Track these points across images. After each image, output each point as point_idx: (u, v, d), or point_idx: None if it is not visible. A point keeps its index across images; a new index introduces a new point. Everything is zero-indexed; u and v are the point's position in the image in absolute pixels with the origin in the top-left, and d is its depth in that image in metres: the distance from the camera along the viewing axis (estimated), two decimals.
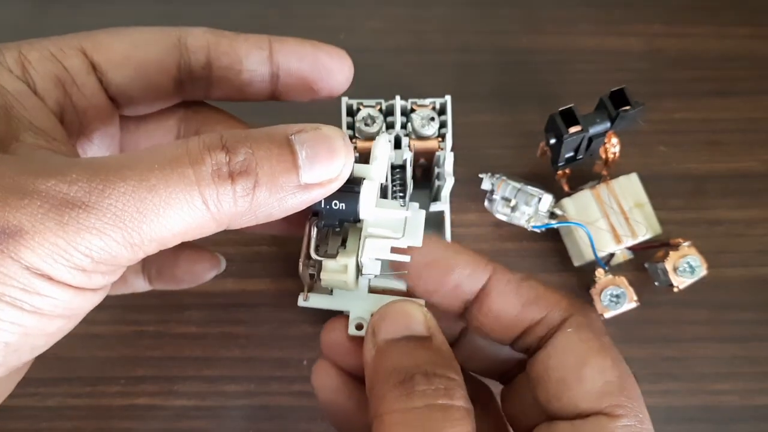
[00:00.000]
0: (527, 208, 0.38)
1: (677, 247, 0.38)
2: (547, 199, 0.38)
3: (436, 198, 0.38)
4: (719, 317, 0.41)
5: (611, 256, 0.40)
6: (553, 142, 0.37)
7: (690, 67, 0.45)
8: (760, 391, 0.40)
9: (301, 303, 0.25)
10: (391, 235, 0.23)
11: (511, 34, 0.46)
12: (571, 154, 0.39)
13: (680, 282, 0.38)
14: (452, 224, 0.39)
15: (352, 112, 0.36)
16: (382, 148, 0.24)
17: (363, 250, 0.23)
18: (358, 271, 0.24)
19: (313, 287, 0.25)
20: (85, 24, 0.48)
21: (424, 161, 0.37)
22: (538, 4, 0.47)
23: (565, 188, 0.40)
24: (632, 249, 0.40)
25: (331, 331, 0.25)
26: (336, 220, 0.23)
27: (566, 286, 0.41)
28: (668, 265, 0.38)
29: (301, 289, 0.25)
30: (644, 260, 0.40)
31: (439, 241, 0.25)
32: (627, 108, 0.36)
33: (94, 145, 0.25)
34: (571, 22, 0.46)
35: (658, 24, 0.46)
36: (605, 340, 0.23)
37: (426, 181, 0.40)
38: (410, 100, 0.36)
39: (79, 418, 0.39)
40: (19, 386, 0.24)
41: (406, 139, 0.35)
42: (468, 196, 0.42)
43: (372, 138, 0.35)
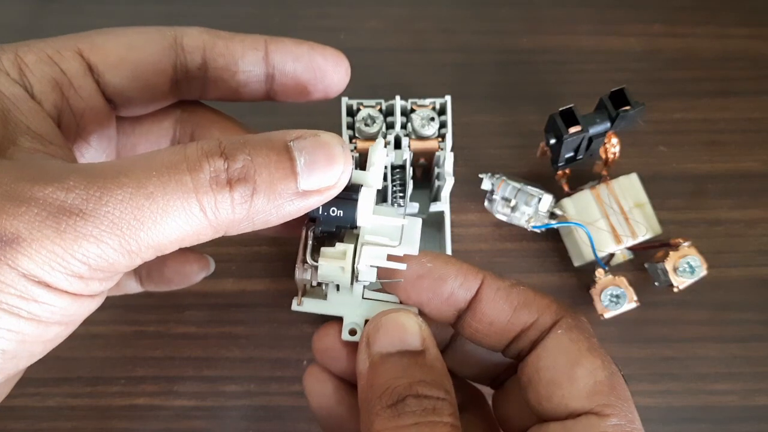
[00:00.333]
0: (527, 208, 0.38)
1: (677, 247, 0.38)
2: (547, 199, 0.38)
3: (436, 198, 0.38)
4: (719, 317, 0.41)
5: (611, 256, 0.40)
6: (553, 142, 0.37)
7: (690, 67, 0.45)
8: (759, 391, 0.40)
9: (295, 307, 0.25)
10: (388, 242, 0.23)
11: (511, 34, 0.46)
12: (571, 154, 0.39)
13: (680, 282, 0.38)
14: (452, 224, 0.39)
15: (352, 112, 0.36)
16: (379, 153, 0.24)
17: (360, 257, 0.23)
18: (354, 277, 0.23)
19: (307, 292, 0.25)
20: (85, 24, 0.48)
21: (424, 161, 0.37)
22: (538, 4, 0.47)
23: (565, 188, 0.40)
24: (632, 249, 0.40)
25: (324, 336, 0.25)
26: (333, 227, 0.23)
27: (566, 286, 0.41)
28: (668, 265, 0.38)
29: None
30: (644, 260, 0.40)
31: (429, 252, 0.25)
32: (627, 108, 0.36)
33: (92, 148, 0.25)
34: (571, 22, 0.46)
35: (658, 24, 0.46)
36: (594, 342, 0.23)
37: (426, 181, 0.40)
38: (410, 100, 0.36)
39: (79, 418, 0.39)
40: (19, 386, 0.24)
41: (406, 139, 0.35)
42: (468, 196, 0.42)
43: (372, 138, 0.35)
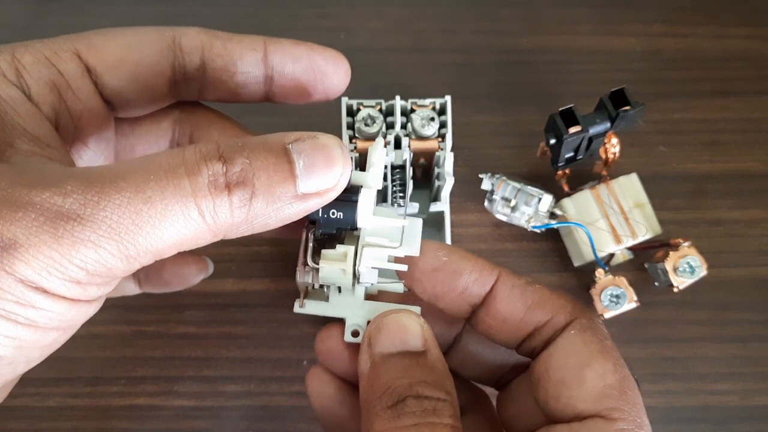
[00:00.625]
0: (527, 208, 0.38)
1: (677, 247, 0.38)
2: (547, 200, 0.38)
3: (436, 198, 0.38)
4: (719, 317, 0.41)
5: (611, 256, 0.40)
6: (553, 142, 0.37)
7: (690, 67, 0.45)
8: (759, 391, 0.40)
9: (297, 310, 0.25)
10: (389, 244, 0.23)
11: (511, 34, 0.46)
12: (571, 154, 0.39)
13: (680, 282, 0.38)
14: (452, 224, 0.39)
15: (352, 113, 0.36)
16: (378, 153, 0.24)
17: (360, 259, 0.23)
18: (355, 279, 0.23)
19: (309, 294, 0.25)
20: (85, 24, 0.48)
21: (424, 161, 0.37)
22: (538, 4, 0.47)
23: (565, 188, 0.40)
24: (632, 249, 0.40)
25: (327, 338, 0.25)
26: (333, 229, 0.23)
27: (566, 287, 0.41)
28: (668, 265, 0.38)
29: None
30: (644, 260, 0.40)
31: (445, 246, 0.24)
32: (627, 108, 0.36)
33: (89, 149, 0.25)
34: (571, 22, 0.46)
35: (658, 24, 0.46)
36: (608, 344, 0.23)
37: (426, 181, 0.40)
38: (410, 100, 0.36)
39: (79, 418, 0.39)
40: (19, 386, 0.24)
41: (406, 139, 0.35)
42: (468, 196, 0.42)
43: (372, 138, 0.35)
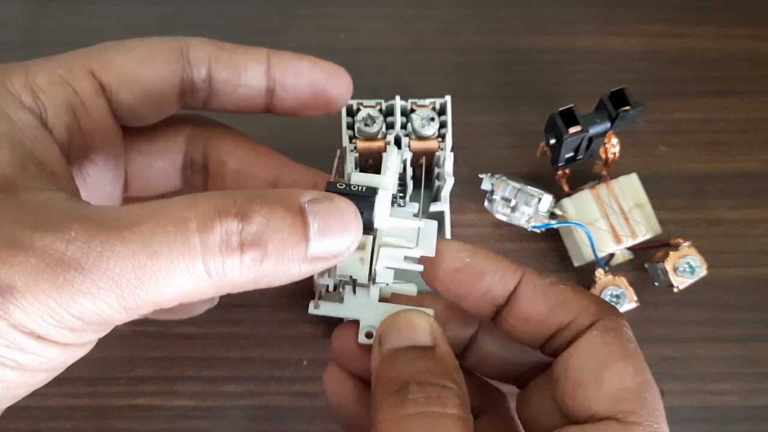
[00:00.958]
0: (527, 208, 0.38)
1: (677, 247, 0.38)
2: (547, 200, 0.38)
3: (436, 198, 0.38)
4: (719, 317, 0.41)
5: (611, 256, 0.40)
6: (553, 142, 0.37)
7: (690, 67, 0.45)
8: (759, 391, 0.40)
9: (312, 311, 0.25)
10: (405, 244, 0.24)
11: (511, 34, 0.46)
12: (571, 155, 0.39)
13: (680, 282, 0.38)
14: (452, 224, 0.39)
15: (352, 112, 0.36)
16: (394, 159, 0.24)
17: (377, 259, 0.23)
18: (371, 278, 0.24)
19: (323, 296, 0.25)
20: (85, 24, 0.48)
21: (424, 161, 0.37)
22: (538, 4, 0.47)
23: (565, 188, 0.40)
24: (632, 249, 0.40)
25: (342, 336, 0.25)
26: None
27: None
28: (668, 266, 0.38)
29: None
30: (644, 260, 0.40)
31: (468, 247, 0.24)
32: (627, 108, 0.36)
33: (98, 166, 0.25)
34: (571, 22, 0.46)
35: (658, 24, 0.46)
36: (631, 347, 0.22)
37: (426, 180, 0.40)
38: (410, 100, 0.36)
39: (79, 418, 0.39)
40: None
41: (406, 139, 0.35)
42: (468, 196, 0.42)
43: (372, 138, 0.35)
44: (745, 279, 0.41)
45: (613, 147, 0.39)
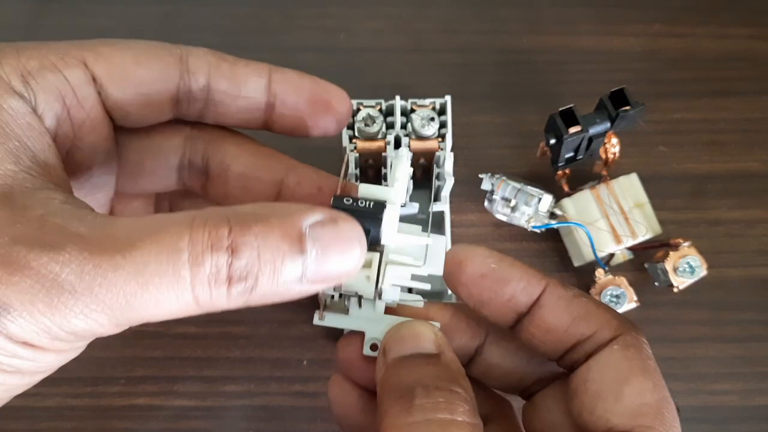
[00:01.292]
0: (527, 208, 0.38)
1: (677, 247, 0.38)
2: (547, 200, 0.38)
3: (436, 198, 0.38)
4: (719, 317, 0.41)
5: (611, 256, 0.40)
6: (553, 142, 0.37)
7: (690, 67, 0.45)
8: (760, 391, 0.40)
9: (317, 322, 0.24)
10: (412, 262, 0.23)
11: (511, 34, 0.46)
12: (571, 154, 0.39)
13: (680, 282, 0.38)
14: (452, 224, 0.39)
15: (352, 112, 0.36)
16: (402, 168, 0.24)
17: (383, 277, 0.23)
18: (377, 295, 0.23)
19: (328, 306, 0.25)
20: (86, 24, 0.48)
21: (424, 161, 0.37)
22: (538, 4, 0.47)
23: (565, 188, 0.40)
24: (632, 249, 0.40)
25: (347, 347, 0.25)
26: None
27: None
28: (668, 266, 0.38)
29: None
30: (644, 260, 0.40)
31: (494, 253, 0.24)
32: (627, 108, 0.36)
33: (87, 159, 0.25)
34: (571, 22, 0.46)
35: (658, 24, 0.46)
36: (650, 364, 0.22)
37: (426, 181, 0.40)
38: (410, 100, 0.36)
39: (79, 418, 0.39)
40: None
41: (406, 139, 0.35)
42: (468, 196, 0.42)
43: (372, 138, 0.35)
44: (745, 279, 0.41)
45: (613, 147, 0.39)
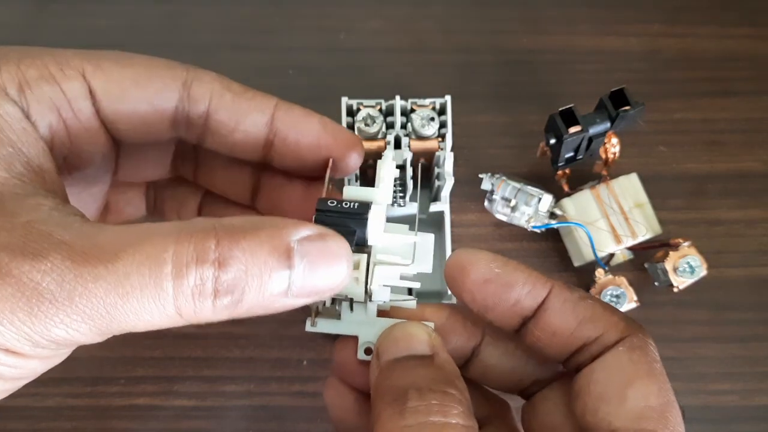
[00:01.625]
0: (527, 208, 0.38)
1: (677, 247, 0.38)
2: (547, 199, 0.38)
3: (436, 198, 0.38)
4: (719, 317, 0.41)
5: (611, 256, 0.40)
6: (553, 142, 0.37)
7: (690, 67, 0.45)
8: (759, 391, 0.40)
9: (309, 328, 0.24)
10: (400, 261, 0.23)
11: (511, 34, 0.46)
12: (571, 154, 0.39)
13: (680, 282, 0.38)
14: (452, 224, 0.39)
15: (352, 112, 0.36)
16: (387, 168, 0.23)
17: (372, 277, 0.23)
18: (367, 296, 0.23)
19: (320, 312, 0.25)
20: (85, 24, 0.48)
21: (424, 161, 0.37)
22: (538, 4, 0.47)
23: (565, 188, 0.40)
24: (632, 249, 0.40)
25: (342, 350, 0.25)
26: None
27: None
28: (668, 265, 0.38)
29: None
30: (644, 260, 0.40)
31: (498, 257, 0.24)
32: (627, 108, 0.36)
33: (83, 165, 0.25)
34: (571, 22, 0.46)
35: (658, 24, 0.46)
36: (656, 367, 0.22)
37: (426, 180, 0.40)
38: (410, 100, 0.36)
39: (79, 418, 0.39)
40: None
41: (406, 139, 0.35)
42: (468, 196, 0.42)
43: (372, 138, 0.35)
44: (745, 279, 0.41)
45: (613, 147, 0.39)
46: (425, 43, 0.46)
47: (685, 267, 0.38)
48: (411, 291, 0.26)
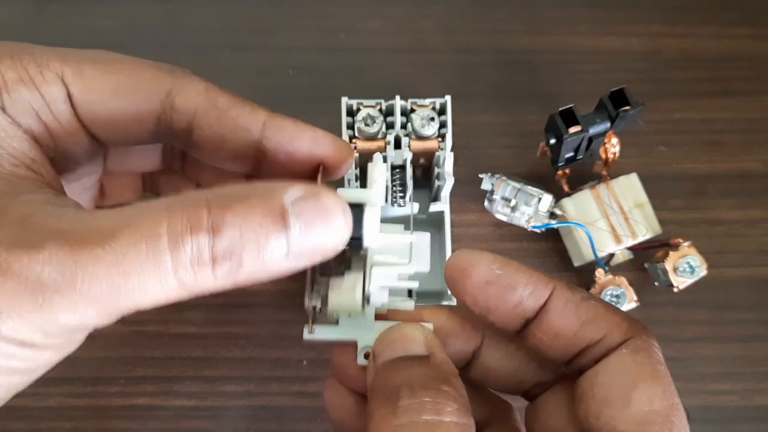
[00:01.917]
0: (527, 208, 0.38)
1: (677, 247, 0.38)
2: (547, 199, 0.38)
3: (436, 198, 0.38)
4: (719, 317, 0.41)
5: (611, 256, 0.40)
6: (553, 142, 0.37)
7: (690, 67, 0.45)
8: (759, 391, 0.40)
9: (307, 337, 0.24)
10: (398, 261, 0.23)
11: (511, 34, 0.46)
12: (571, 154, 0.39)
13: (680, 282, 0.38)
14: (452, 224, 0.39)
15: (352, 112, 0.36)
16: (380, 169, 0.23)
17: (370, 279, 0.23)
18: (365, 300, 0.23)
19: (318, 318, 0.24)
20: (85, 24, 0.48)
21: (424, 161, 0.37)
22: (538, 4, 0.47)
23: (565, 188, 0.40)
24: (632, 249, 0.40)
25: (342, 354, 0.25)
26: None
27: None
28: (668, 265, 0.38)
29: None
30: (644, 260, 0.40)
31: (499, 258, 0.23)
32: (627, 108, 0.36)
33: (71, 164, 0.25)
34: (571, 22, 0.46)
35: (658, 24, 0.46)
36: (661, 369, 0.22)
37: (426, 180, 0.40)
38: (410, 100, 0.36)
39: (79, 418, 0.39)
40: None
41: (406, 139, 0.35)
42: (468, 196, 0.42)
43: (372, 138, 0.35)
44: (745, 279, 0.41)
45: (613, 147, 0.39)
46: (425, 43, 0.46)
47: (685, 267, 0.38)
48: (411, 292, 0.25)
